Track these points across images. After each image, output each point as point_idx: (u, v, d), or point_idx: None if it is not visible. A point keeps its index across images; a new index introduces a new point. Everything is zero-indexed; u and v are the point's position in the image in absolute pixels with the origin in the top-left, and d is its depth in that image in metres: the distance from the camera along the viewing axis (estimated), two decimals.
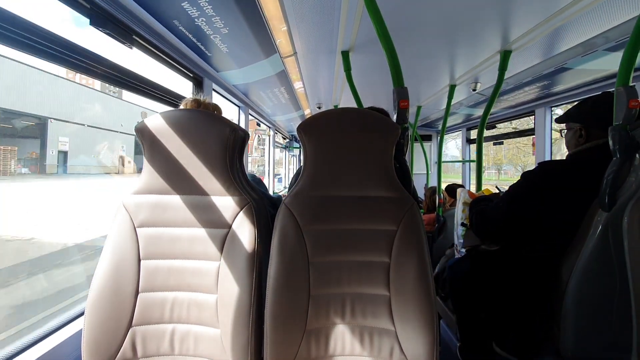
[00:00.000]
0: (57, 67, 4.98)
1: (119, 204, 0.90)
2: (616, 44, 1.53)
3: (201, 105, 1.12)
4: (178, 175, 0.89)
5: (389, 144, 0.89)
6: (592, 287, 0.98)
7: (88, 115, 12.29)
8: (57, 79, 10.52)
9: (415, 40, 1.72)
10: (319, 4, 1.36)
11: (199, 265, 0.88)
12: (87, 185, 11.38)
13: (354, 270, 0.88)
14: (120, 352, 0.84)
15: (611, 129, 0.94)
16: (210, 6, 1.23)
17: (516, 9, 1.36)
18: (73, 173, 11.43)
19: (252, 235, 0.87)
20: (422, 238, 0.87)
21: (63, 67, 1.01)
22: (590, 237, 0.97)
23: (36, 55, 0.90)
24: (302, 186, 0.91)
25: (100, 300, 0.85)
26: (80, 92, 11.76)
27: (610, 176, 0.94)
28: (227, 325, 0.84)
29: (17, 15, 0.81)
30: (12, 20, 0.80)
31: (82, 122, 11.69)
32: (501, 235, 1.25)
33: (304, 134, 0.90)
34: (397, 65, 1.12)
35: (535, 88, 2.32)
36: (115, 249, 0.88)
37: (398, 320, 0.84)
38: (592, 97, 1.18)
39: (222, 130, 0.88)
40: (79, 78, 12.14)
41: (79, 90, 11.65)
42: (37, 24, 0.86)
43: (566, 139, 1.23)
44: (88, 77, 10.49)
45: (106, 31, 1.11)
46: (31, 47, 0.87)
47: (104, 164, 13.29)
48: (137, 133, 0.89)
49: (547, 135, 2.57)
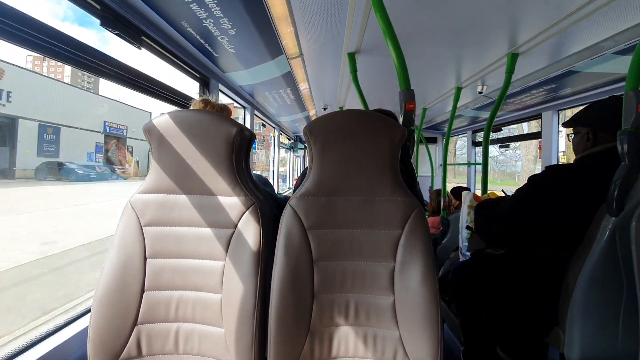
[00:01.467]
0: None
1: (126, 202, 0.91)
2: (625, 48, 1.51)
3: (209, 105, 1.13)
4: (185, 174, 0.90)
5: (395, 146, 0.89)
6: (599, 292, 0.97)
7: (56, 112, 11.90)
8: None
9: (422, 42, 1.71)
10: (326, 5, 1.36)
11: (204, 265, 0.88)
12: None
13: (358, 272, 0.88)
14: (125, 349, 0.85)
15: (620, 133, 0.94)
16: (218, 7, 1.24)
17: (524, 12, 1.35)
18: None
19: (257, 236, 0.87)
20: (428, 241, 0.86)
21: (74, 67, 1.03)
22: (598, 242, 0.96)
23: (47, 55, 0.91)
24: (307, 187, 0.91)
25: (107, 298, 0.85)
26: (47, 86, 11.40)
27: (618, 181, 0.93)
28: (232, 324, 0.84)
29: (29, 15, 0.83)
30: (20, 20, 0.82)
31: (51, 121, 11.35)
32: (507, 238, 1.25)
33: (310, 135, 0.90)
34: (404, 68, 1.12)
35: (542, 91, 2.31)
36: (121, 247, 0.88)
37: (402, 323, 0.84)
38: (599, 101, 1.17)
39: (229, 131, 0.89)
40: (47, 70, 11.94)
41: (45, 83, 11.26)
42: (48, 24, 0.88)
43: (573, 143, 1.22)
44: (57, 68, 9.59)
45: (116, 32, 1.13)
46: (42, 47, 0.89)
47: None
48: (144, 132, 0.90)
49: (554, 139, 2.55)
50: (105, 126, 18.90)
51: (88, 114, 15.60)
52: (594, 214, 1.01)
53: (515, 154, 17.11)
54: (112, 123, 19.27)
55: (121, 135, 20.28)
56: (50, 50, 0.91)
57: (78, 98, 16.67)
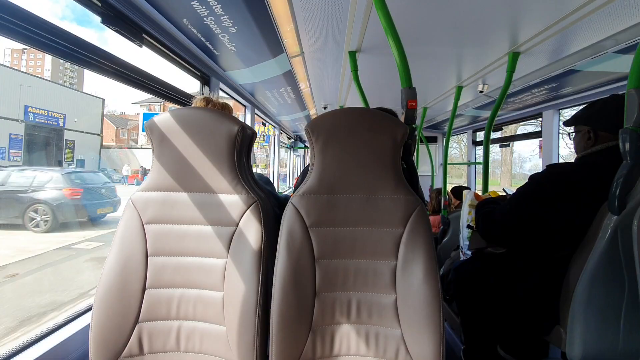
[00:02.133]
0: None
1: (128, 200, 0.91)
2: (626, 46, 1.51)
3: (210, 103, 1.13)
4: (186, 172, 0.90)
5: (397, 145, 0.89)
6: (601, 291, 0.97)
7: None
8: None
9: (423, 41, 1.71)
10: (328, 4, 1.36)
11: (205, 263, 0.88)
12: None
13: (360, 270, 0.88)
14: (126, 347, 0.85)
15: (622, 131, 0.93)
16: (219, 5, 1.23)
17: (525, 11, 1.35)
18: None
19: (259, 234, 0.87)
20: (430, 239, 0.86)
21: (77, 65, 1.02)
22: (599, 241, 0.96)
23: (50, 52, 0.91)
24: (309, 185, 0.91)
25: (108, 296, 0.85)
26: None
27: (620, 179, 0.93)
28: (233, 322, 0.84)
29: (32, 13, 0.83)
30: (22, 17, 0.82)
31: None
32: (508, 237, 1.25)
33: (311, 133, 0.90)
34: (405, 66, 1.12)
35: (543, 90, 2.31)
36: (123, 245, 0.88)
37: (404, 321, 0.84)
38: (601, 100, 1.17)
39: (231, 129, 0.89)
40: (26, 66, 10.93)
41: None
42: (50, 21, 0.87)
43: (575, 142, 1.22)
44: (36, 62, 8.13)
45: (117, 29, 1.12)
46: (45, 45, 0.89)
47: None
48: (146, 130, 0.90)
49: (555, 138, 2.55)
50: (27, 113, 14.00)
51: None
52: (596, 213, 1.01)
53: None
54: (39, 109, 14.55)
55: (55, 126, 15.63)
56: (52, 47, 0.91)
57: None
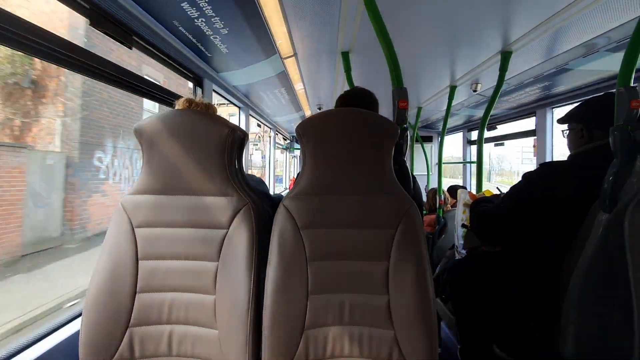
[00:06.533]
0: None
1: (118, 204, 0.90)
2: (618, 45, 1.52)
3: (193, 104, 1.10)
4: (177, 175, 0.89)
5: (388, 145, 0.89)
6: (593, 289, 0.97)
7: None
8: None
9: (416, 41, 1.71)
10: (319, 4, 1.36)
11: (197, 266, 0.87)
12: None
13: (352, 272, 0.87)
14: (117, 353, 0.84)
15: (612, 129, 0.94)
16: (209, 6, 1.23)
17: (516, 9, 1.35)
18: None
19: (251, 236, 0.86)
20: (421, 239, 0.86)
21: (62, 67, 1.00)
22: (591, 239, 0.96)
23: (34, 55, 0.90)
24: (300, 187, 0.90)
25: (98, 301, 0.84)
26: None
27: (611, 177, 0.93)
28: (225, 326, 0.83)
29: (16, 16, 0.81)
30: (10, 20, 0.80)
31: None
32: (502, 236, 1.25)
33: (302, 134, 0.89)
34: (396, 66, 1.12)
35: (536, 89, 2.32)
36: (113, 249, 0.87)
37: (397, 322, 0.84)
38: (594, 98, 1.17)
39: (221, 131, 0.88)
40: None
41: None
42: (35, 23, 0.86)
43: (568, 140, 1.22)
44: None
45: (106, 32, 1.11)
46: (30, 47, 0.87)
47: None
48: (135, 133, 0.89)
49: (548, 137, 2.56)
50: None
51: None
52: (588, 211, 1.01)
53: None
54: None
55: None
56: (36, 49, 0.89)
57: None
